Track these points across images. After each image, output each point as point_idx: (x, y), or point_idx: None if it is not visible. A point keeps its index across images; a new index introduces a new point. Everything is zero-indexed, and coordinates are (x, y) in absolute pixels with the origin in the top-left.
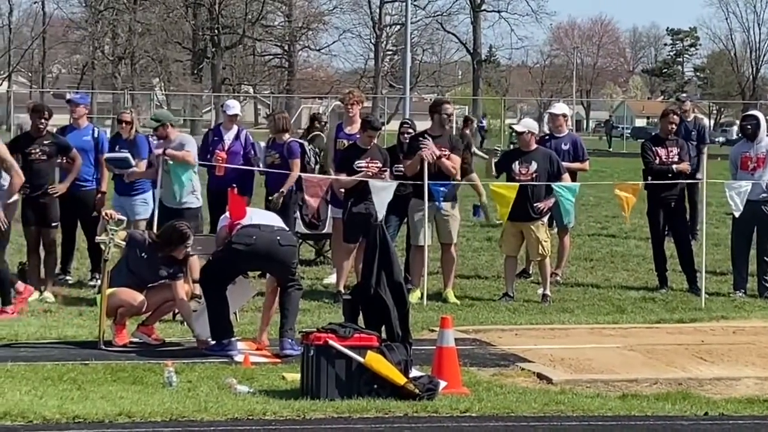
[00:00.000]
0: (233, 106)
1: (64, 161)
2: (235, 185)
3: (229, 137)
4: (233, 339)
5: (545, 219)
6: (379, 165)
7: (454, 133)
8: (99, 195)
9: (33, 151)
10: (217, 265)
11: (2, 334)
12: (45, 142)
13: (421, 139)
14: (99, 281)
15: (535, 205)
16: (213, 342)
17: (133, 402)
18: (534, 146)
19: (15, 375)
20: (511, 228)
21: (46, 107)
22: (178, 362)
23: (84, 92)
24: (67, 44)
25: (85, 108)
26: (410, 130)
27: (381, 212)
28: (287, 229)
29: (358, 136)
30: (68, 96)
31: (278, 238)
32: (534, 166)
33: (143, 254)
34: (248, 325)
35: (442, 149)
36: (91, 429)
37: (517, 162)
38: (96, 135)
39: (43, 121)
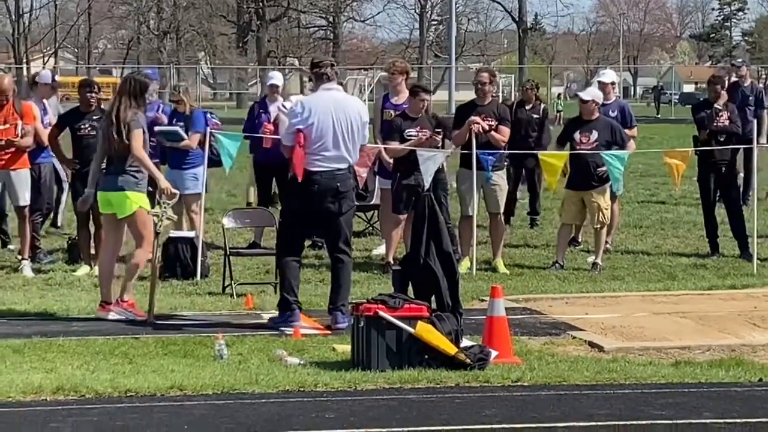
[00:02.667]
0: (274, 77)
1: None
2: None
3: (274, 109)
4: (296, 311)
5: (608, 186)
6: (429, 133)
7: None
8: None
9: (82, 126)
10: (285, 222)
11: (54, 309)
12: (94, 117)
13: (473, 118)
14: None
15: (598, 169)
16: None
17: (185, 375)
18: (596, 115)
19: (67, 350)
20: (572, 196)
21: (95, 82)
22: (229, 335)
23: (132, 67)
24: (113, 19)
25: (157, 84)
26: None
27: (427, 181)
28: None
29: (405, 105)
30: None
31: (338, 184)
32: (595, 135)
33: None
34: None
35: (487, 119)
36: (142, 402)
37: (578, 131)
38: (160, 111)
39: (92, 95)
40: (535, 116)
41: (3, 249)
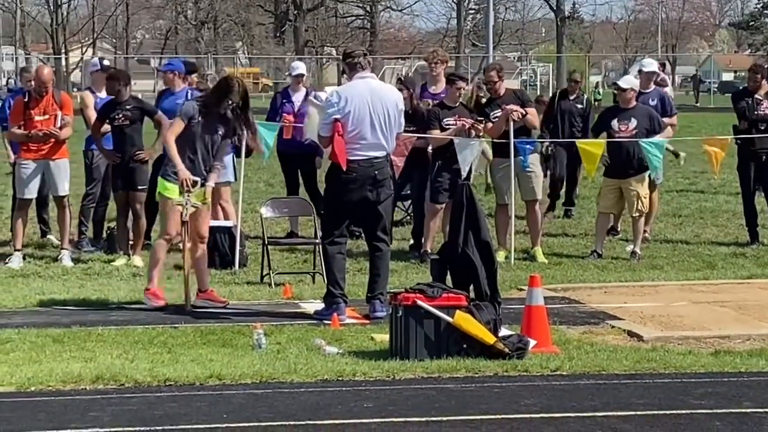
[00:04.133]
0: (298, 67)
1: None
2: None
3: (298, 99)
4: (342, 304)
5: (646, 174)
6: (471, 122)
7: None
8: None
9: (117, 116)
10: (329, 210)
11: (93, 299)
12: (128, 106)
13: (510, 106)
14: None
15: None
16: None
17: (223, 364)
18: (634, 103)
19: (106, 339)
20: (610, 185)
21: (121, 73)
22: (267, 324)
23: (169, 57)
24: (150, 9)
25: (171, 74)
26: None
27: (464, 170)
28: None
29: (443, 95)
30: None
31: (375, 172)
32: (633, 123)
33: (198, 119)
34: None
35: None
36: (181, 392)
37: (616, 119)
38: (189, 98)
39: (119, 86)
40: (578, 106)
41: (42, 238)
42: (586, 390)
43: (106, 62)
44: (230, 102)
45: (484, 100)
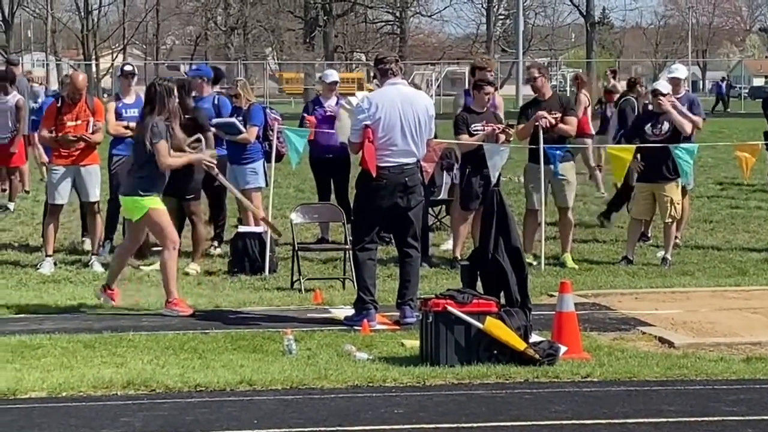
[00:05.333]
0: (331, 75)
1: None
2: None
3: (330, 105)
4: (372, 311)
5: (680, 179)
6: (500, 126)
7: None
8: None
9: None
10: (359, 216)
11: (123, 305)
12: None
13: (540, 113)
14: (218, 249)
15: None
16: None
17: (254, 370)
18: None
19: (137, 344)
20: (643, 190)
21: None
22: (298, 330)
23: (199, 62)
24: (181, 15)
25: (200, 80)
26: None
27: (494, 176)
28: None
29: (471, 99)
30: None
31: (406, 179)
32: (666, 126)
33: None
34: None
35: (553, 113)
36: (212, 397)
37: (649, 124)
38: (216, 102)
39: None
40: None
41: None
42: (617, 396)
43: (127, 67)
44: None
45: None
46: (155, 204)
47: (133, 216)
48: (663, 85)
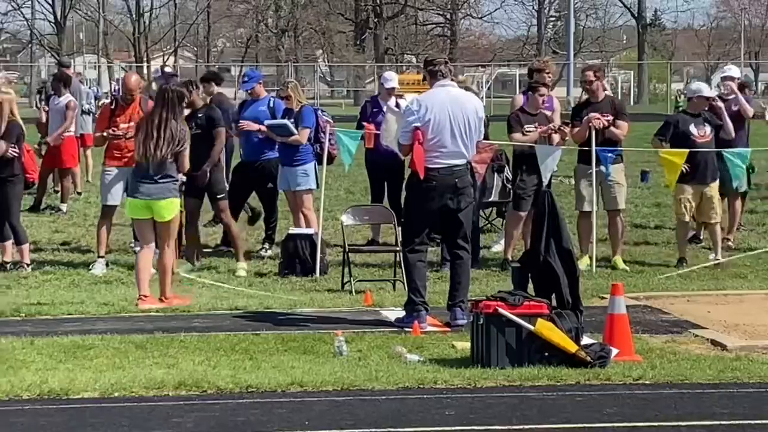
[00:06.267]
0: (391, 79)
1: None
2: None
3: (386, 108)
4: (423, 312)
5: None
6: (554, 126)
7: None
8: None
9: (190, 124)
10: (409, 218)
11: (175, 306)
12: (198, 114)
13: (592, 114)
14: (269, 251)
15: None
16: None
17: (305, 371)
18: (705, 109)
19: (188, 345)
20: (688, 192)
21: (191, 82)
22: (348, 331)
23: (250, 65)
24: (232, 18)
25: (258, 85)
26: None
27: (546, 177)
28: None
29: (547, 104)
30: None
31: (456, 180)
32: (708, 128)
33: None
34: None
35: (605, 115)
36: (263, 398)
37: (692, 125)
38: (272, 105)
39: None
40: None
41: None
42: (669, 399)
43: (167, 69)
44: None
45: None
46: (178, 206)
47: (164, 216)
48: (706, 89)
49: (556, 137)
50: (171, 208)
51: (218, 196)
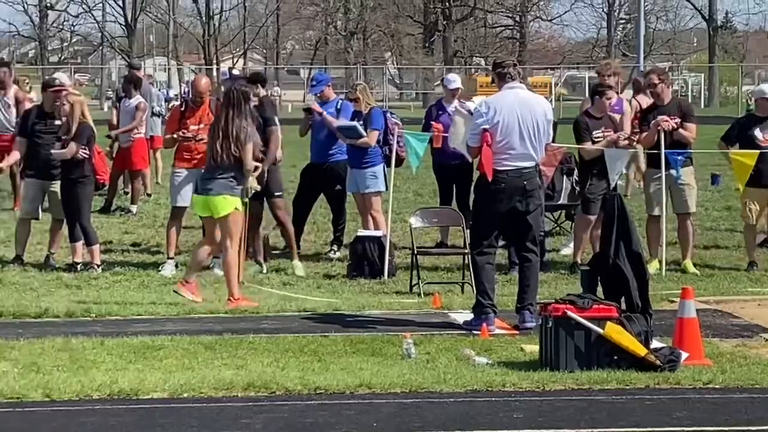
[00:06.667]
0: (454, 80)
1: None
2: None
3: (452, 111)
4: (491, 315)
5: None
6: (612, 132)
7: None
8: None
9: None
10: (478, 220)
11: (244, 306)
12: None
13: (660, 117)
14: (338, 253)
15: None
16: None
17: (373, 373)
18: None
19: (257, 347)
20: (755, 194)
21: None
22: (416, 334)
23: (319, 67)
24: (301, 20)
25: (327, 87)
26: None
27: (613, 180)
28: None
29: (617, 107)
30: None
31: (525, 183)
32: None
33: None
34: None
35: (673, 118)
36: (332, 400)
37: (757, 128)
38: (339, 107)
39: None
40: None
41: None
42: (740, 404)
43: (235, 71)
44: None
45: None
46: (239, 206)
47: (219, 213)
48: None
49: (623, 143)
50: (224, 205)
51: (275, 194)
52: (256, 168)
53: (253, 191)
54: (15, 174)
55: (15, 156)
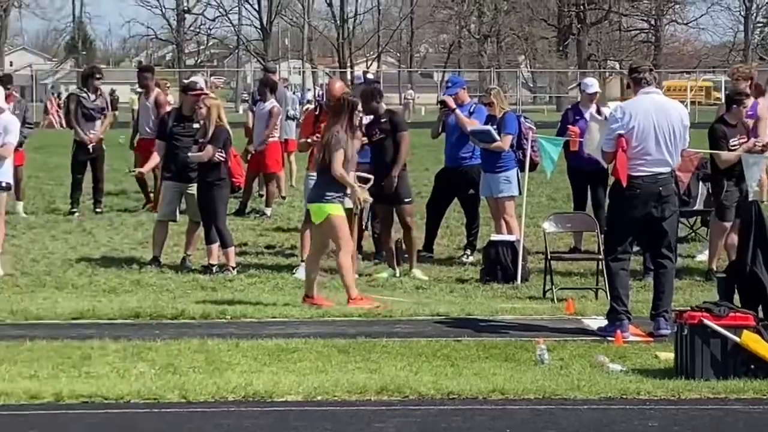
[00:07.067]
0: (592, 85)
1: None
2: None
3: (589, 116)
4: (626, 321)
5: None
6: (747, 139)
7: None
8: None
9: (373, 132)
10: (612, 226)
11: (365, 306)
12: (383, 120)
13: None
14: (471, 257)
15: None
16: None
17: (506, 379)
18: None
19: (390, 350)
20: None
21: (375, 90)
22: (550, 339)
23: (452, 71)
24: (434, 24)
25: (462, 90)
26: None
27: (751, 187)
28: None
29: (750, 112)
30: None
31: (660, 188)
32: None
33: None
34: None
35: None
36: (465, 405)
37: None
38: (472, 110)
39: (375, 103)
40: None
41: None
42: None
43: (369, 75)
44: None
45: None
46: (335, 210)
47: (315, 220)
48: None
49: (758, 148)
50: (317, 213)
51: (405, 200)
52: (366, 180)
53: (365, 204)
54: (157, 177)
55: (155, 160)
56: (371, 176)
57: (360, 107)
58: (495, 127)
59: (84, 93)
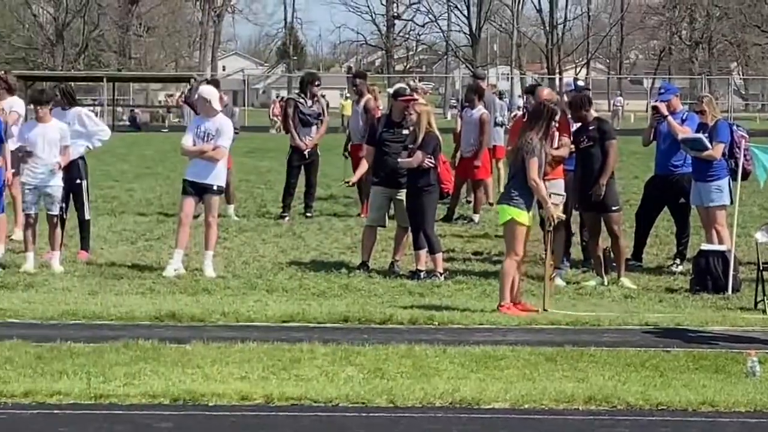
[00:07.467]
0: None
1: None
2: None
3: None
4: None
5: None
6: None
7: None
8: None
9: (581, 138)
10: None
11: (515, 315)
12: (590, 127)
13: None
14: (681, 267)
15: None
16: None
17: (716, 391)
18: None
19: (598, 359)
20: None
21: (584, 98)
22: (762, 352)
23: (662, 77)
24: (645, 30)
25: (675, 97)
26: None
27: None
28: None
29: None
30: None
31: None
32: None
33: None
34: None
35: None
36: (674, 417)
37: None
38: (684, 117)
39: (584, 111)
40: None
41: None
42: None
43: (580, 82)
44: None
45: None
46: (519, 216)
47: (499, 220)
48: None
49: None
50: (502, 214)
51: (612, 208)
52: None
53: (557, 220)
54: (364, 182)
55: (364, 166)
56: (564, 194)
57: (557, 117)
58: (707, 135)
59: (301, 98)
